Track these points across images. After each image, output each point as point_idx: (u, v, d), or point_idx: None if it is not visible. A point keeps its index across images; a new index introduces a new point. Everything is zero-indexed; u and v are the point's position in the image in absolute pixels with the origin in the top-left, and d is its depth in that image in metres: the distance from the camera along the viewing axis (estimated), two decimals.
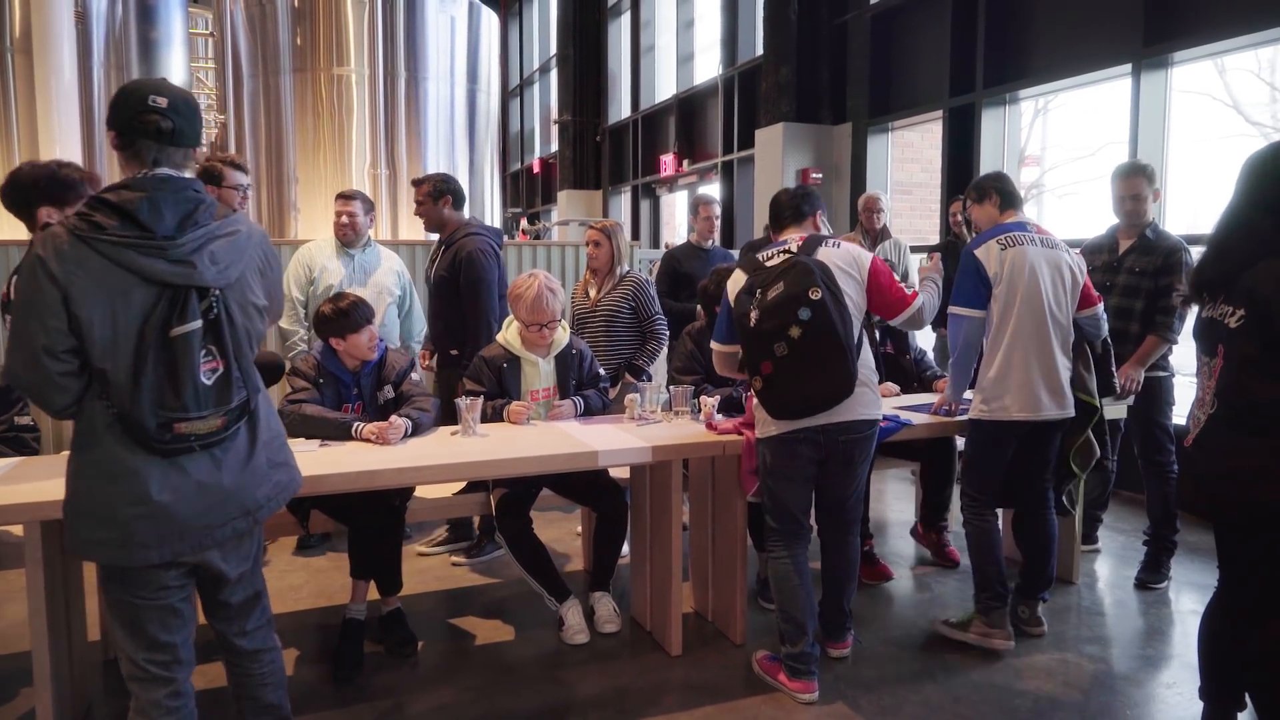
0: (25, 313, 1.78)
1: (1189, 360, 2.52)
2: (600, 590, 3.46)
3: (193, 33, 10.41)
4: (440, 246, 4.11)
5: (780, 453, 2.83)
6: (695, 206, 5.17)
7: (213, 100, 10.35)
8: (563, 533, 4.56)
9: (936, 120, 7.32)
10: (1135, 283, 3.69)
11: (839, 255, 2.83)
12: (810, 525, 2.98)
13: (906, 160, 8.18)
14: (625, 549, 3.59)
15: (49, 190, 2.60)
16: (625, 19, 14.45)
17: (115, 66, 8.49)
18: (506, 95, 20.11)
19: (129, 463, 1.83)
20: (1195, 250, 3.31)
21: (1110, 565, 4.11)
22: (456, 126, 8.23)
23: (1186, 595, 3.75)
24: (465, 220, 4.11)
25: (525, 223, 16.48)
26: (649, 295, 4.26)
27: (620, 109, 14.84)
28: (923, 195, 8.20)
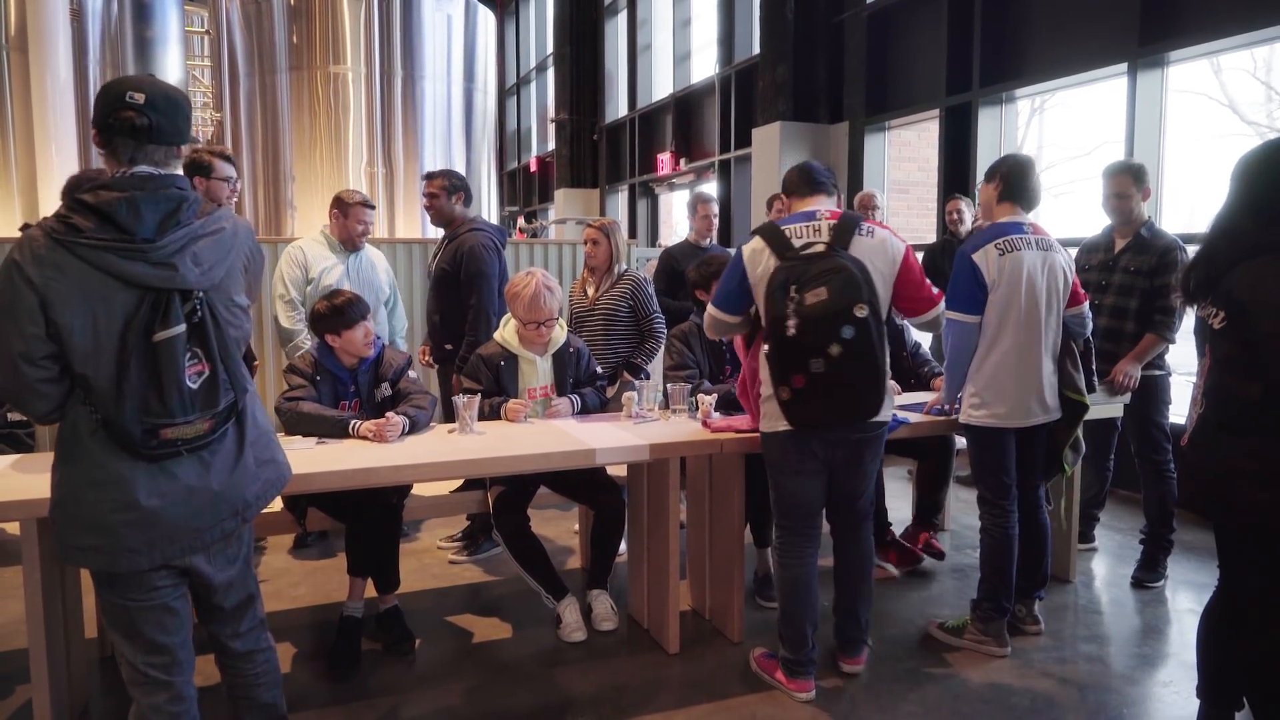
0: (1, 319, 1.73)
1: (1185, 359, 2.52)
2: (598, 588, 3.46)
3: (188, 30, 10.35)
4: (445, 241, 4.13)
5: (789, 448, 2.79)
6: (694, 205, 5.18)
7: (209, 98, 10.32)
8: (560, 531, 4.56)
9: (933, 119, 7.33)
10: (1131, 282, 3.70)
11: (876, 252, 2.71)
12: (821, 524, 2.92)
13: (903, 159, 8.19)
14: (623, 547, 3.59)
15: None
16: (622, 17, 14.45)
17: (111, 64, 8.44)
18: (503, 94, 20.10)
19: (115, 469, 1.80)
20: (1191, 249, 3.31)
21: (1107, 564, 4.12)
22: (453, 125, 8.24)
23: (1183, 594, 3.76)
24: (471, 217, 4.16)
25: (522, 221, 16.45)
26: (647, 294, 4.26)
27: (617, 108, 14.82)
28: (919, 194, 8.20)
